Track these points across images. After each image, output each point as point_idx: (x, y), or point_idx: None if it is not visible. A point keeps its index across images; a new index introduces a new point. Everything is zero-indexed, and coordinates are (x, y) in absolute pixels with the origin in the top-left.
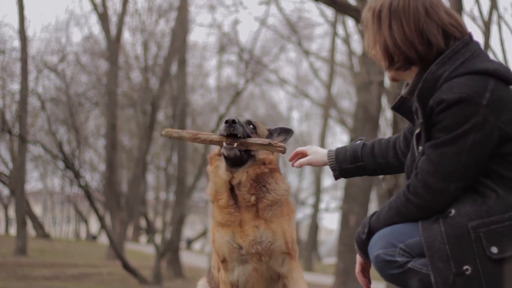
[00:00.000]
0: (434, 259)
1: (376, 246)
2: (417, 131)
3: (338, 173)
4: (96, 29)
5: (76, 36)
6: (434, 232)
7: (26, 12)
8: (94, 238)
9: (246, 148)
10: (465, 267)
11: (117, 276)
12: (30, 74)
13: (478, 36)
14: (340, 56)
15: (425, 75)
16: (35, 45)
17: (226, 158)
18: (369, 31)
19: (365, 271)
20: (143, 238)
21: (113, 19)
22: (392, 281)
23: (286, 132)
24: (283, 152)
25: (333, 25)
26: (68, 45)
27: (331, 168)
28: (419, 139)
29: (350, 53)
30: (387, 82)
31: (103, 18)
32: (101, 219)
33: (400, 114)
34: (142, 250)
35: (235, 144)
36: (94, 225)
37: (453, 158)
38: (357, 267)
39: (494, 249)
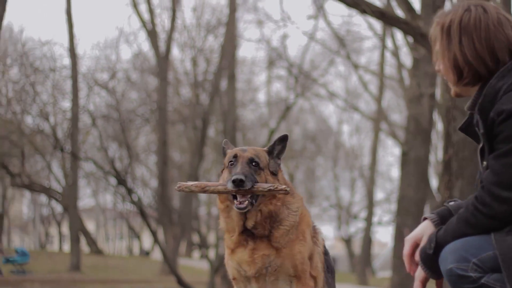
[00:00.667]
0: (510, 271)
1: (448, 259)
2: (480, 145)
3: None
4: (146, 46)
5: (126, 53)
6: (509, 245)
7: (76, 30)
8: (147, 254)
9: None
10: None
11: None
12: (81, 92)
13: None
14: (390, 69)
15: (485, 89)
16: (86, 63)
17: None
18: (438, 46)
19: (424, 287)
20: (196, 253)
21: (162, 36)
22: None
23: (281, 140)
24: (286, 193)
25: (382, 38)
26: (118, 62)
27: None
28: (483, 154)
29: (400, 66)
30: (438, 94)
31: (152, 34)
32: (154, 234)
33: (467, 134)
34: (195, 266)
35: (246, 203)
36: (147, 240)
37: None
38: (416, 284)
39: None
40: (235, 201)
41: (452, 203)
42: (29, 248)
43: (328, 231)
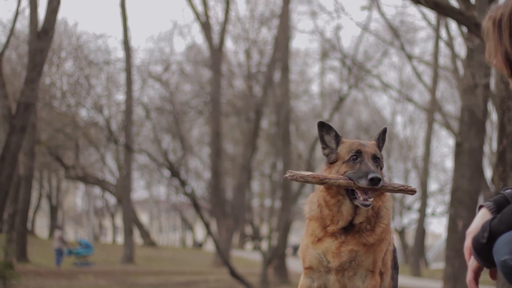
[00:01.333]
0: None
1: (503, 250)
2: None
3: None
4: (199, 38)
5: (180, 45)
6: None
7: (130, 23)
8: (200, 245)
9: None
10: None
11: (225, 283)
12: (135, 84)
13: None
14: (444, 60)
15: None
16: (140, 56)
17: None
18: (490, 41)
19: (478, 277)
20: (249, 245)
21: (216, 28)
22: None
23: (383, 132)
24: (414, 194)
25: (436, 28)
26: (171, 55)
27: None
28: None
29: (454, 56)
30: (492, 85)
31: (206, 27)
32: (207, 226)
33: None
34: (248, 257)
35: (371, 200)
36: (200, 232)
37: None
38: (470, 274)
39: None
40: (360, 198)
41: (508, 190)
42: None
43: None
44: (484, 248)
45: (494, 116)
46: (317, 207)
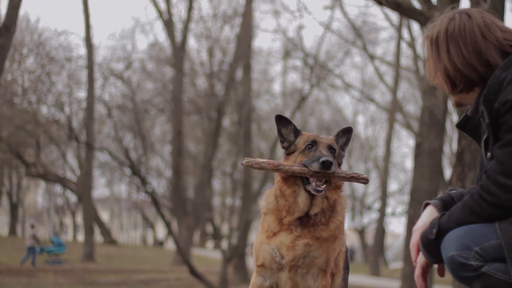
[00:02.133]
0: None
1: (450, 246)
2: (485, 136)
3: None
4: (162, 36)
5: (142, 43)
6: None
7: (92, 20)
8: (161, 244)
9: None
10: None
11: (184, 282)
12: (96, 82)
13: None
14: (406, 60)
15: (490, 81)
16: (101, 53)
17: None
18: (429, 59)
19: (426, 273)
20: (210, 244)
21: (178, 26)
22: (464, 283)
23: (346, 132)
24: (366, 183)
25: (398, 29)
26: (133, 52)
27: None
28: (487, 145)
29: (416, 57)
30: None
31: (169, 25)
32: (168, 225)
33: (465, 132)
34: (208, 256)
35: (323, 186)
36: (161, 231)
37: None
38: (418, 270)
39: None
40: (313, 184)
41: (454, 191)
42: (43, 238)
43: None
44: (432, 244)
45: (454, 116)
46: (273, 199)
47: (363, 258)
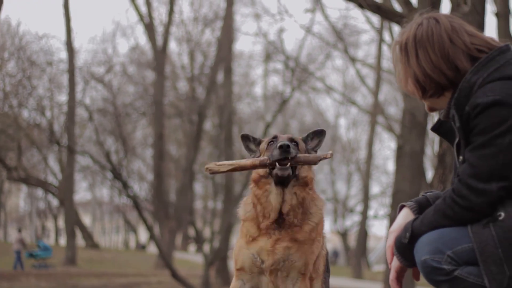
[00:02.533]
0: (488, 264)
1: (423, 250)
2: (457, 140)
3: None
4: (143, 39)
5: (123, 47)
6: (486, 237)
7: (73, 24)
8: (143, 247)
9: (296, 165)
10: None
11: (166, 285)
12: (78, 85)
13: None
14: (387, 63)
15: (460, 84)
16: (82, 57)
17: (278, 178)
18: (399, 66)
19: (400, 277)
20: (192, 247)
21: (159, 29)
22: (438, 287)
23: (319, 134)
24: (331, 156)
25: (379, 31)
26: (114, 56)
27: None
28: (459, 149)
29: None
30: None
31: (150, 28)
32: (149, 228)
33: (439, 135)
34: (190, 259)
35: (288, 164)
36: (143, 234)
37: (490, 159)
38: (392, 274)
39: None
40: (277, 167)
41: (430, 193)
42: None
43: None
44: (406, 248)
45: (436, 118)
46: (252, 207)
47: (346, 260)
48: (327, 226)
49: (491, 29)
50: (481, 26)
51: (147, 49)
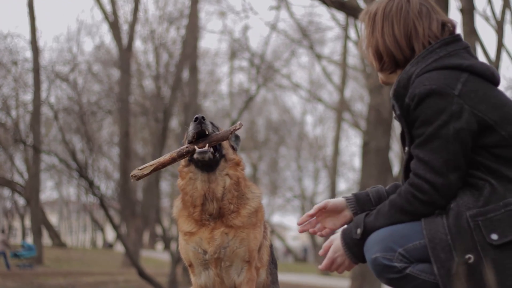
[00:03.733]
0: (436, 251)
1: (374, 248)
2: (400, 131)
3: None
4: (108, 38)
5: (88, 45)
6: (437, 225)
7: (38, 22)
8: (110, 246)
9: (215, 144)
10: (468, 255)
11: (133, 284)
12: (43, 85)
13: (491, 36)
14: (353, 60)
15: (399, 76)
16: (47, 56)
17: (199, 162)
18: (364, 33)
19: (333, 268)
20: (159, 245)
21: (124, 28)
22: (389, 285)
23: (237, 138)
24: (241, 125)
25: (345, 28)
26: (79, 55)
27: (353, 213)
28: (404, 140)
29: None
30: None
31: (114, 27)
32: (116, 227)
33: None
34: (158, 257)
35: (207, 146)
36: (110, 233)
37: (441, 151)
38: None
39: (494, 236)
40: (196, 151)
41: (372, 188)
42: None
43: (291, 222)
44: (355, 244)
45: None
46: (180, 202)
47: (315, 258)
48: (294, 223)
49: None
50: None
51: (112, 48)
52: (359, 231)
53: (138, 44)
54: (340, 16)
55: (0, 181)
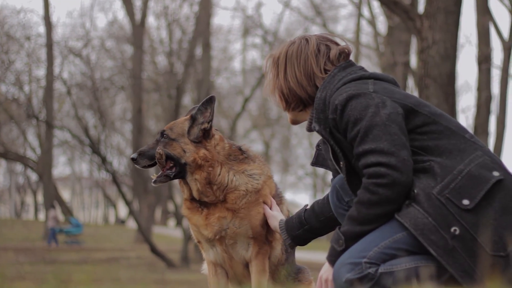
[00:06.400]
0: (425, 235)
1: (340, 273)
2: (330, 152)
3: (291, 242)
4: (121, 14)
5: (101, 21)
6: (413, 213)
7: None
8: (122, 222)
9: (165, 164)
10: (453, 228)
11: (145, 260)
12: (56, 60)
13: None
14: (366, 38)
15: (315, 104)
16: (60, 31)
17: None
18: (269, 77)
19: None
20: (171, 222)
21: (137, 4)
22: None
23: (208, 102)
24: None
25: (358, 6)
26: (92, 30)
27: (283, 239)
28: (336, 158)
29: (376, 34)
30: (413, 63)
31: (127, 2)
32: (128, 203)
33: (320, 167)
34: (170, 234)
35: (156, 177)
36: (122, 209)
37: (382, 135)
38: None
39: (466, 201)
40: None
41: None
42: (4, 217)
43: (303, 199)
44: (339, 256)
45: (414, 94)
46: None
47: (327, 235)
48: (306, 200)
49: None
50: (458, 2)
51: (125, 24)
52: (341, 242)
53: (151, 20)
54: None
55: (12, 157)
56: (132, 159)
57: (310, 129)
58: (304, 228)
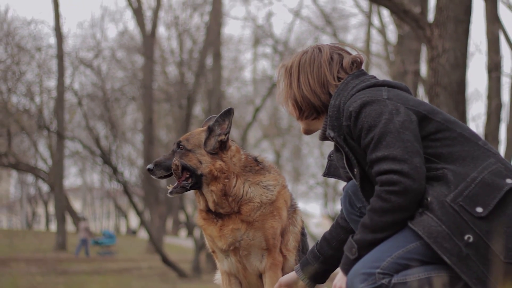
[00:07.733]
0: (439, 243)
1: (354, 284)
2: (344, 159)
3: (309, 281)
4: (131, 24)
5: (111, 31)
6: (426, 222)
7: (61, 9)
8: (134, 232)
9: (181, 175)
10: (466, 236)
11: (157, 270)
12: (66, 71)
13: None
14: (376, 47)
15: (329, 111)
16: (71, 42)
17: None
18: (281, 86)
19: None
20: (183, 232)
21: (148, 14)
22: None
23: (227, 114)
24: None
25: (368, 15)
26: (103, 41)
27: (304, 283)
28: (350, 165)
29: (386, 43)
30: (423, 71)
31: (138, 13)
32: (140, 214)
33: (331, 177)
34: (181, 244)
35: (172, 188)
36: (134, 219)
37: (395, 142)
38: None
39: (479, 209)
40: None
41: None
42: (16, 228)
43: (314, 209)
44: (353, 265)
45: (424, 100)
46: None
47: None
48: (317, 210)
49: (479, 13)
50: (468, 11)
51: (136, 34)
52: (354, 250)
53: (161, 30)
54: (364, 2)
55: (24, 168)
56: (148, 169)
57: (323, 138)
58: (319, 260)
